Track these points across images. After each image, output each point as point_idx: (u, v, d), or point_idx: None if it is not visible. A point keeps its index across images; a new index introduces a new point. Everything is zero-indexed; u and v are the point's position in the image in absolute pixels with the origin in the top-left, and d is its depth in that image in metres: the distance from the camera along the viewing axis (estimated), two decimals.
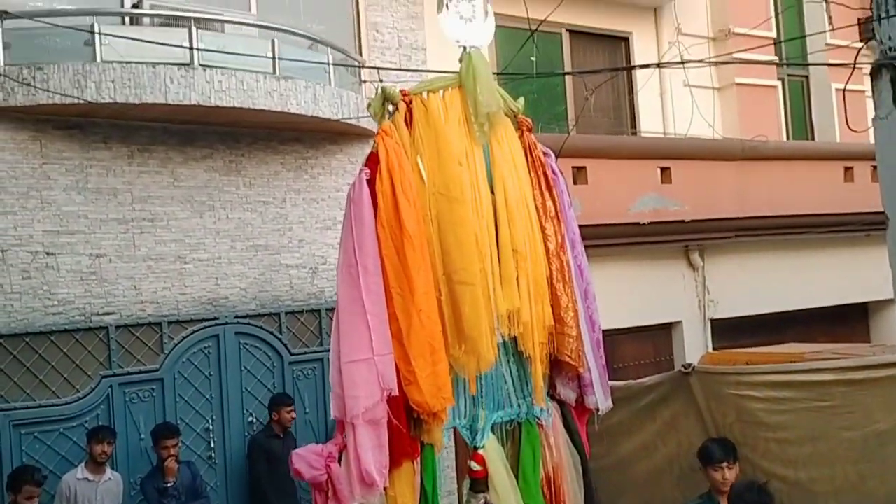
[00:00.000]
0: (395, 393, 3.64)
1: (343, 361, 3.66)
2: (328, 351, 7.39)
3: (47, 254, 6.59)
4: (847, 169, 10.72)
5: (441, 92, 4.11)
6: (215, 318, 7.23)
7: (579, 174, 8.89)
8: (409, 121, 3.99)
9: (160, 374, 6.94)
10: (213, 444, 7.14)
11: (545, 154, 4.47)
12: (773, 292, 10.35)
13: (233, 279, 7.38)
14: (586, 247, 4.94)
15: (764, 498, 4.27)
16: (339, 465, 3.65)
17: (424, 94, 4.07)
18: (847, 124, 6.53)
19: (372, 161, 3.88)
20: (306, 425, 7.53)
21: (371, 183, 3.83)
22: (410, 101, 4.00)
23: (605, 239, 8.79)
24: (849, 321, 11.39)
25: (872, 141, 5.77)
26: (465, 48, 4.21)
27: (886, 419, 4.58)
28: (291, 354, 7.59)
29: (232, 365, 7.28)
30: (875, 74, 5.58)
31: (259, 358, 7.44)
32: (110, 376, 6.74)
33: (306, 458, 3.69)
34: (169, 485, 6.37)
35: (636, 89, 10.46)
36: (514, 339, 4.09)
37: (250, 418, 7.33)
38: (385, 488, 3.62)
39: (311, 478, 3.66)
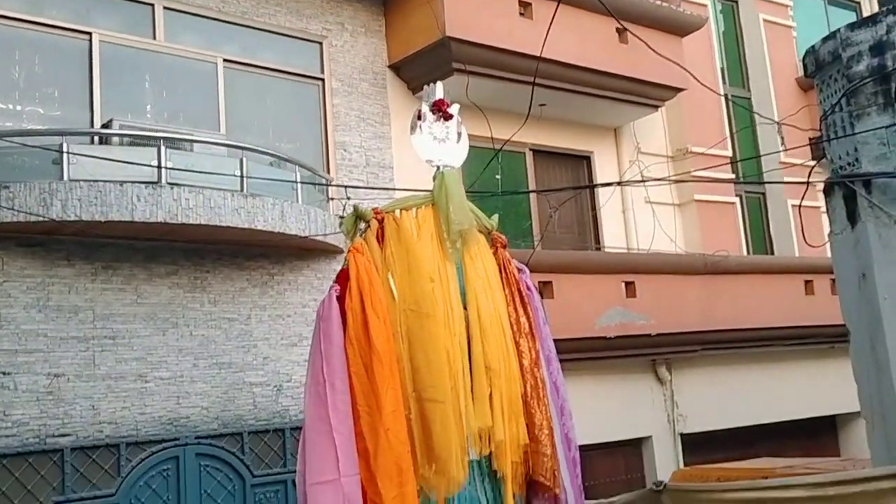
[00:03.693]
0: None
1: (308, 483, 3.56)
2: (292, 472, 7.21)
3: (4, 373, 6.42)
4: (807, 282, 10.92)
5: (414, 210, 4.16)
6: (175, 439, 7.02)
7: (545, 289, 8.94)
8: (380, 238, 4.02)
9: (116, 499, 6.66)
10: None
11: (519, 270, 4.49)
12: (742, 406, 10.34)
13: (195, 398, 7.21)
14: None
15: None
16: None
17: (397, 212, 4.12)
18: (804, 240, 6.71)
19: (342, 278, 3.88)
20: None
21: (341, 300, 3.81)
22: (382, 219, 4.05)
23: (573, 353, 8.77)
24: (818, 434, 11.37)
25: (829, 254, 5.93)
26: (438, 167, 4.29)
27: None
28: (254, 476, 7.35)
29: (192, 488, 7.02)
30: (828, 192, 5.77)
31: (220, 480, 7.19)
32: (63, 502, 6.45)
33: None
34: None
35: (599, 206, 10.68)
36: (488, 459, 4.00)
37: None
38: None
39: None
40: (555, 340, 4.71)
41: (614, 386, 9.73)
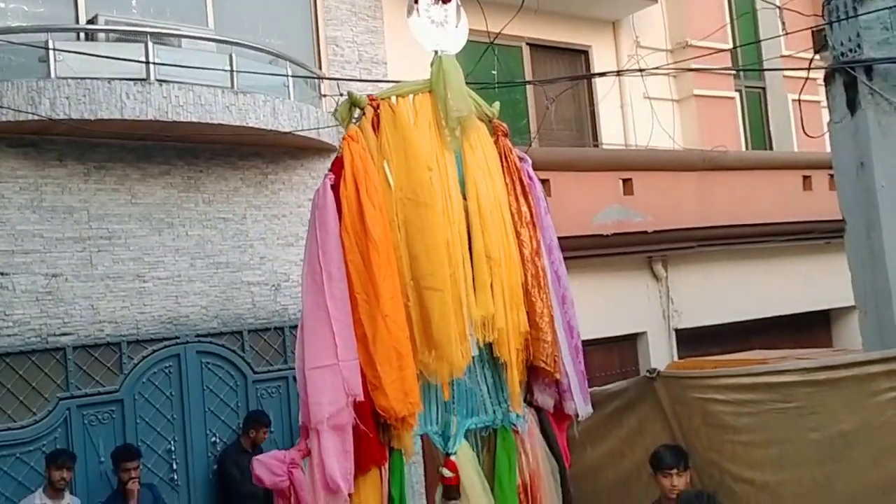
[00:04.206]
0: (361, 398, 3.58)
1: (307, 367, 3.60)
2: (293, 369, 7.31)
3: (1, 274, 6.44)
4: (805, 178, 10.86)
5: (411, 97, 4.06)
6: (176, 338, 7.10)
7: (543, 187, 8.87)
8: (376, 125, 3.93)
9: (120, 395, 6.80)
10: (175, 466, 6.99)
11: (521, 159, 4.42)
12: (736, 301, 10.43)
13: (193, 297, 7.26)
14: None
15: None
16: (303, 471, 3.57)
17: (393, 99, 4.02)
18: (803, 129, 6.64)
19: (337, 166, 3.83)
20: (272, 444, 7.37)
21: (336, 188, 3.77)
22: (378, 106, 3.95)
23: (570, 251, 8.70)
24: (811, 329, 11.51)
25: (828, 149, 5.87)
26: (436, 52, 4.16)
27: (850, 420, 4.58)
28: (255, 373, 7.48)
29: (194, 385, 7.15)
30: (829, 80, 5.68)
31: (222, 377, 7.32)
32: (68, 398, 6.59)
33: (268, 465, 3.60)
34: None
35: (597, 102, 10.54)
36: (490, 346, 4.04)
37: (214, 439, 7.20)
38: (350, 495, 3.54)
39: (272, 484, 3.57)
40: None
41: (610, 283, 9.77)
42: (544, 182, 8.88)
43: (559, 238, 4.80)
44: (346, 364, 3.58)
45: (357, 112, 3.98)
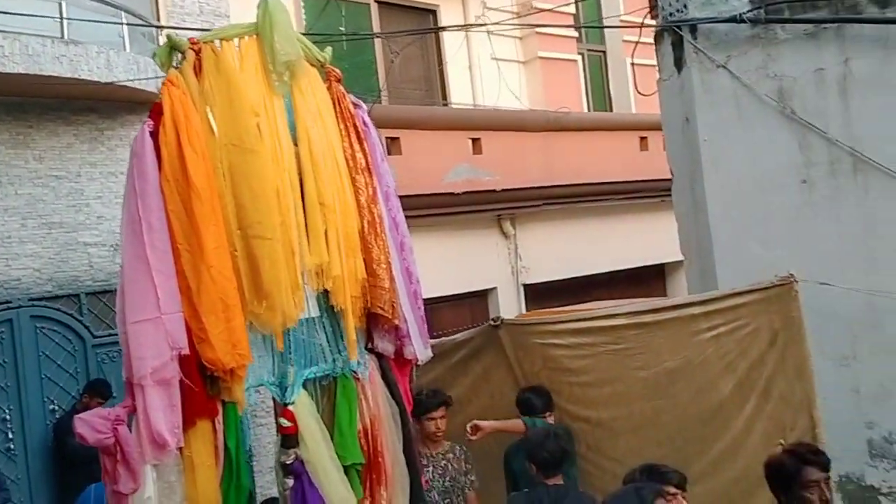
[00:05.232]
0: (186, 352, 3.48)
1: (129, 322, 3.46)
2: None
3: None
4: (642, 138, 11.37)
5: (236, 40, 3.94)
6: (7, 302, 6.74)
7: (393, 145, 8.92)
8: (198, 70, 3.80)
9: None
10: (11, 436, 6.68)
11: (356, 105, 4.36)
12: (580, 257, 10.86)
13: (25, 259, 6.89)
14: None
15: (563, 444, 4.47)
16: (129, 428, 3.47)
17: (217, 43, 3.88)
18: (636, 88, 6.97)
19: (155, 112, 3.66)
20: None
21: (155, 135, 3.63)
22: (199, 50, 3.81)
23: (420, 210, 8.87)
24: (648, 281, 12.14)
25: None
26: None
27: (673, 358, 4.93)
28: (95, 337, 7.20)
29: (28, 351, 6.81)
30: (658, 39, 5.98)
31: (58, 342, 7.01)
32: None
33: (90, 423, 3.45)
34: None
35: (445, 62, 10.63)
36: (327, 294, 4.03)
37: (52, 406, 6.91)
38: (180, 448, 3.48)
39: (95, 441, 3.43)
40: (403, 197, 4.68)
41: (461, 241, 9.96)
42: (394, 140, 8.93)
43: (410, 196, 4.83)
44: (169, 317, 3.47)
45: (178, 56, 3.83)
